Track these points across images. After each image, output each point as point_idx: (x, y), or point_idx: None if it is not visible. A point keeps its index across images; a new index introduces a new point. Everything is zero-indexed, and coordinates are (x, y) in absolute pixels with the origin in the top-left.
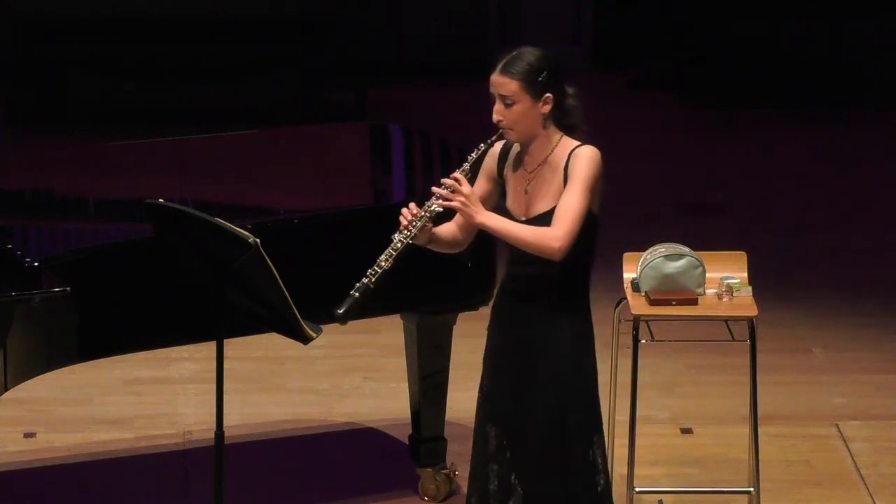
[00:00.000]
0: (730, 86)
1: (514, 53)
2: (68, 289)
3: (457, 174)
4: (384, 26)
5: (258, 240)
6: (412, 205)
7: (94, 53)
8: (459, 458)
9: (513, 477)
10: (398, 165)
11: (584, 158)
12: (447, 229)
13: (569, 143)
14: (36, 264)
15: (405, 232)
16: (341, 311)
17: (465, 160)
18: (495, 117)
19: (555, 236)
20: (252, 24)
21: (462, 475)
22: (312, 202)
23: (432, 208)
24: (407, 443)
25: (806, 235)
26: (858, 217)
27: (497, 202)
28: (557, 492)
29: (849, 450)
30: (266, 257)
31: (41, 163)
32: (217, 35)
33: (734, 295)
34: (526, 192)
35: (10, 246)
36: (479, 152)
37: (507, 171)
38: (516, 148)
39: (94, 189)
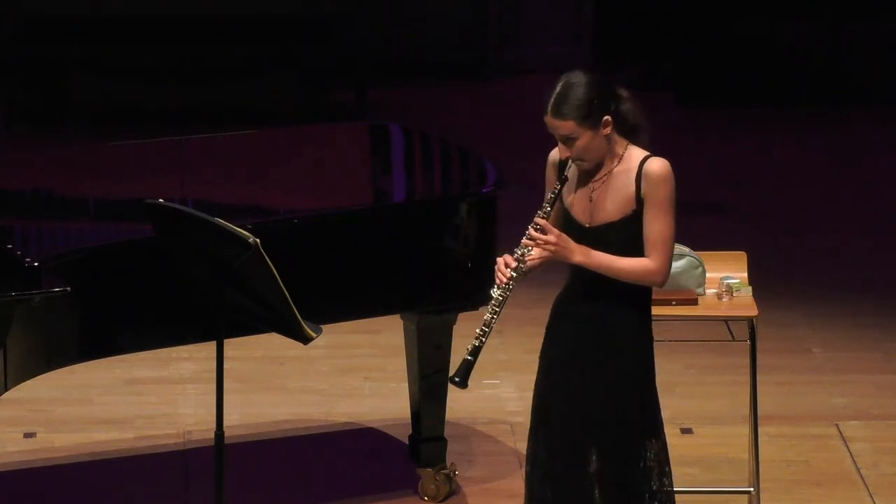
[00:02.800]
0: (730, 86)
1: (558, 90)
2: (68, 289)
3: (540, 221)
4: (384, 26)
5: (258, 240)
6: (507, 256)
7: (94, 53)
8: (459, 458)
9: (562, 481)
10: (398, 165)
11: (660, 180)
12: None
13: (635, 152)
14: (36, 264)
15: (504, 287)
16: (459, 378)
17: (546, 200)
18: (562, 154)
19: (655, 270)
20: (252, 24)
21: (462, 475)
22: (312, 202)
23: (526, 259)
24: (407, 443)
25: (806, 235)
26: (858, 217)
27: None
28: (607, 498)
29: (849, 450)
30: (266, 257)
31: (41, 163)
32: (217, 35)
33: (734, 295)
34: (591, 200)
35: (10, 246)
36: (558, 191)
37: (571, 178)
38: None
39: (94, 189)
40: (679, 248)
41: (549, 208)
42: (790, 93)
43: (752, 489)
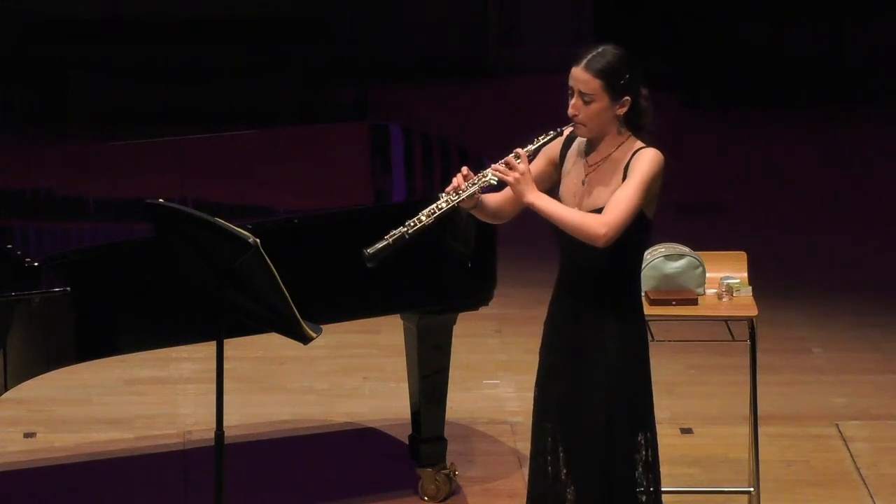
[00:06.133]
0: (730, 86)
1: (598, 50)
2: (68, 289)
3: (519, 150)
4: (384, 26)
5: (258, 240)
6: (465, 168)
7: (94, 53)
8: (459, 458)
9: (563, 474)
10: (398, 165)
11: (646, 158)
12: (493, 199)
13: (634, 143)
14: (36, 264)
15: (453, 194)
16: (371, 251)
17: (532, 141)
18: (571, 111)
19: (602, 222)
20: (252, 24)
21: (462, 475)
22: (312, 202)
23: (486, 178)
24: (407, 443)
25: (806, 235)
26: (858, 217)
27: (552, 186)
28: (603, 491)
29: (849, 450)
30: (266, 257)
31: (41, 163)
32: (217, 35)
33: (734, 295)
34: (583, 184)
35: (10, 246)
36: (548, 138)
37: (569, 159)
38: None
39: (94, 189)
40: (679, 248)
41: (531, 147)
42: (790, 93)
43: (752, 489)
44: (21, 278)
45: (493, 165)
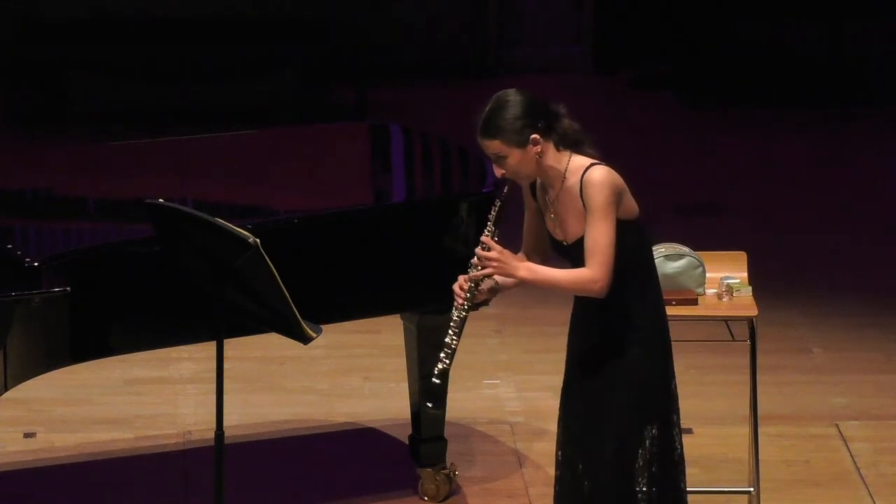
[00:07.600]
0: (730, 86)
1: (486, 112)
2: (68, 289)
3: (484, 238)
4: (384, 26)
5: (258, 240)
6: (462, 277)
7: (94, 53)
8: (459, 458)
9: (580, 468)
10: (398, 165)
11: (594, 186)
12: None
13: (579, 163)
14: (36, 264)
15: (460, 304)
16: (432, 404)
17: (488, 220)
18: (497, 173)
19: (592, 279)
20: (252, 24)
21: (462, 475)
22: (312, 202)
23: (474, 277)
24: (407, 443)
25: (806, 235)
26: (858, 217)
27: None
28: (612, 490)
29: (849, 450)
30: (266, 257)
31: (41, 163)
32: (217, 35)
33: (734, 295)
34: (554, 220)
35: (10, 246)
36: (497, 209)
37: (539, 198)
38: None
39: (94, 189)
40: (679, 248)
41: (490, 226)
42: (790, 93)
43: (752, 489)
44: (21, 278)
45: (473, 261)
